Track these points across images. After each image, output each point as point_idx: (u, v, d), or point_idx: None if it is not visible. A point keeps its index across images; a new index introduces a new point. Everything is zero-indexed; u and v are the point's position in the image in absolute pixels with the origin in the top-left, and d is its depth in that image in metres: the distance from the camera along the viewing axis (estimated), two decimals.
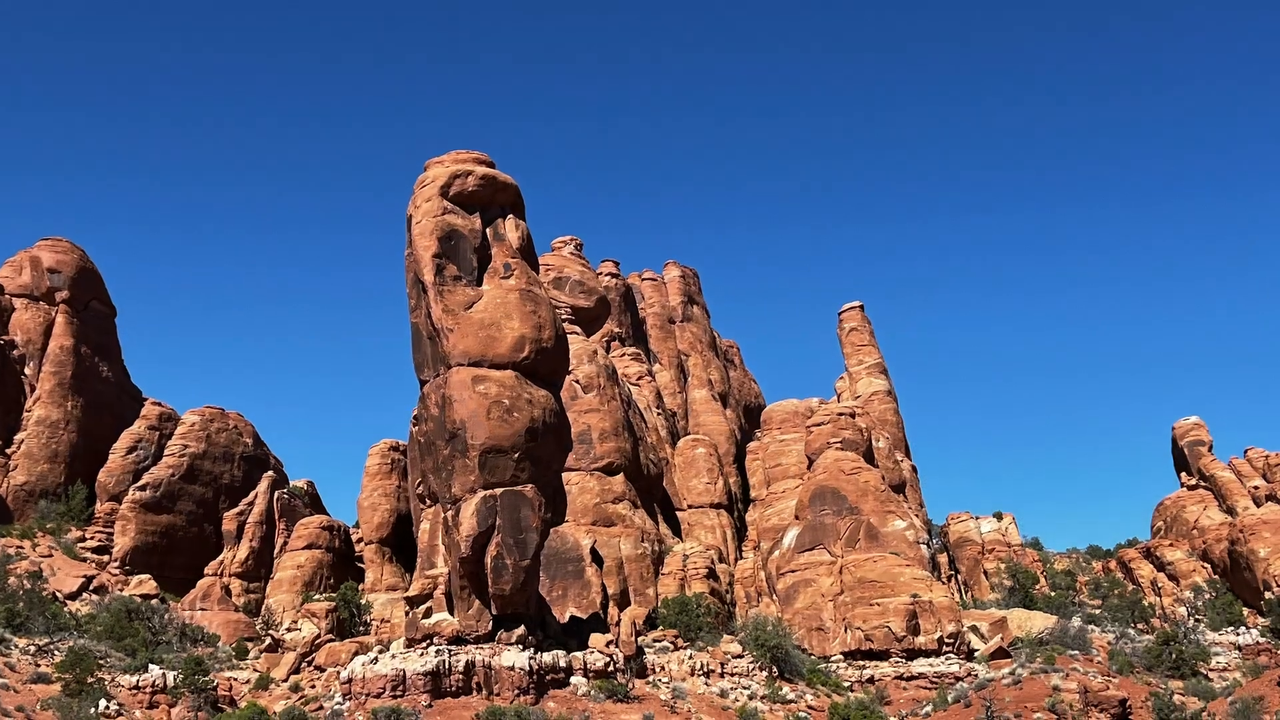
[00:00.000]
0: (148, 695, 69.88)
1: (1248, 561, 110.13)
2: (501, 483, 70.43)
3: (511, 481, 70.70)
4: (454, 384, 72.52)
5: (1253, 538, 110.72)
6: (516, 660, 68.02)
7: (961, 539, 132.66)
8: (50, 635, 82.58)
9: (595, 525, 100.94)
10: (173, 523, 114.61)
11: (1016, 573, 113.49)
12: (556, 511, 75.68)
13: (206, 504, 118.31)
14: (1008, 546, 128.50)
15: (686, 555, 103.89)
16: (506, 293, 76.20)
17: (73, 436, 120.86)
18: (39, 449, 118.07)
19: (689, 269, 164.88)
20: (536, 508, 70.79)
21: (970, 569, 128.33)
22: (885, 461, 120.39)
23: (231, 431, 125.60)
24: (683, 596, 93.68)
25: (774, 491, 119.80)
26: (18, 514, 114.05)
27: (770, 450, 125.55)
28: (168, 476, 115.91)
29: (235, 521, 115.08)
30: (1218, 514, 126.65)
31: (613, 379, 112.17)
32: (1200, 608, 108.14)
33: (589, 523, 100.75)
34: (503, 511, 69.56)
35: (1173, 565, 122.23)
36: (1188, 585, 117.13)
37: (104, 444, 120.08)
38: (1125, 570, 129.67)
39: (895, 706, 75.94)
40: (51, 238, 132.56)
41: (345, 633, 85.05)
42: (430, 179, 79.39)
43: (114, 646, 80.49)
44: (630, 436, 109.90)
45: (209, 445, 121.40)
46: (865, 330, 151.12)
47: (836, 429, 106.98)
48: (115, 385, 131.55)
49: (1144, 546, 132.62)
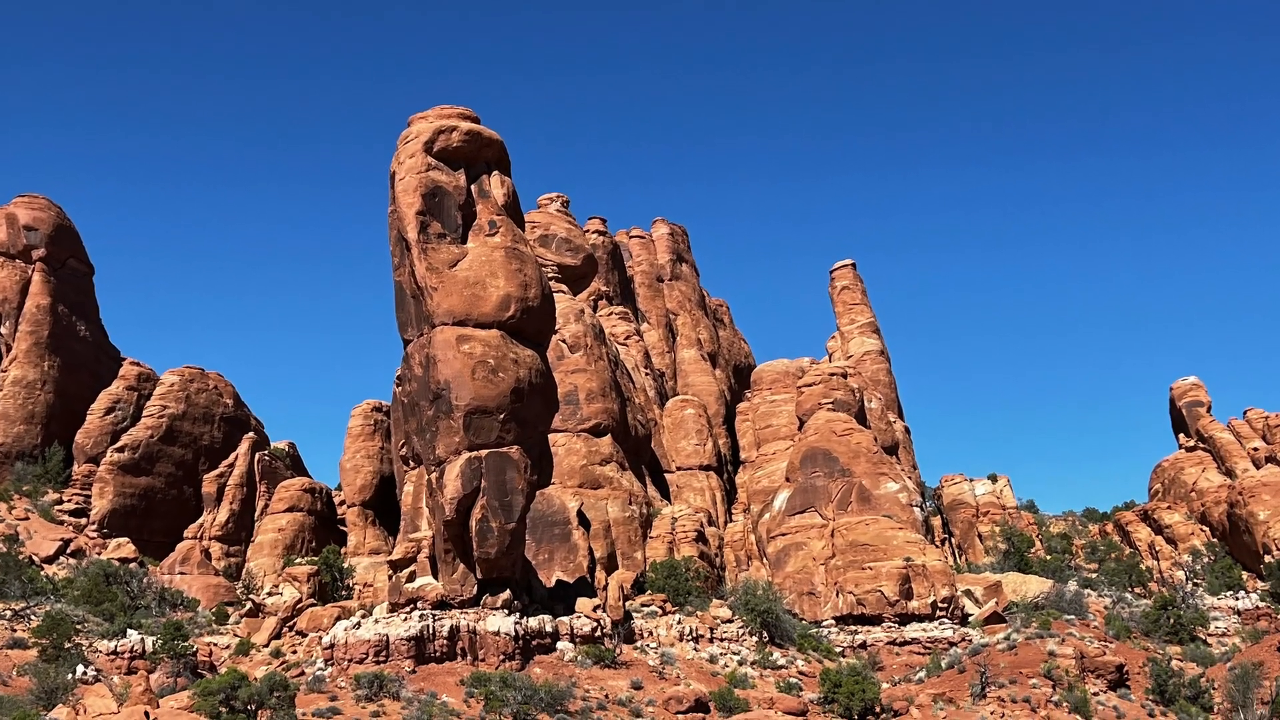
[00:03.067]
0: (126, 660, 68.90)
1: (1247, 524, 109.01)
2: (486, 444, 68.64)
3: (497, 443, 68.91)
4: (438, 343, 70.59)
5: (1252, 500, 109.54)
6: (501, 625, 66.65)
7: (955, 501, 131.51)
8: (27, 600, 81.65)
9: (582, 488, 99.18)
10: (151, 485, 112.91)
11: (1011, 536, 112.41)
12: (542, 473, 74.00)
13: (186, 466, 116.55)
14: (1002, 509, 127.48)
15: (675, 518, 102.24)
16: (492, 250, 74.11)
17: (49, 397, 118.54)
18: (15, 410, 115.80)
19: (678, 226, 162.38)
20: (522, 470, 69.08)
21: (964, 532, 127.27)
22: (877, 423, 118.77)
23: (211, 392, 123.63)
24: (671, 560, 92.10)
25: (764, 453, 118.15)
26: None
27: (760, 411, 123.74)
28: (146, 438, 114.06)
29: (215, 484, 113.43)
30: (1216, 476, 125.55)
31: (600, 339, 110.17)
32: (1199, 571, 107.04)
33: (576, 485, 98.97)
34: (488, 474, 67.85)
35: (1171, 528, 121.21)
36: (1186, 549, 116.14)
37: (82, 405, 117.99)
38: (1122, 533, 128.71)
39: (888, 672, 74.71)
40: (28, 194, 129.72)
41: (327, 597, 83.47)
42: (414, 134, 77.15)
43: (91, 611, 79.09)
44: (618, 397, 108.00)
45: (188, 406, 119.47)
46: (857, 289, 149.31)
47: (828, 389, 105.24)
48: (93, 345, 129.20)
49: (1141, 509, 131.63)
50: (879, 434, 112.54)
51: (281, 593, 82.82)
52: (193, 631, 77.15)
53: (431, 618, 66.17)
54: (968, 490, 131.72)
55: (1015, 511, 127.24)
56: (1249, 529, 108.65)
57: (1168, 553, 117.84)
